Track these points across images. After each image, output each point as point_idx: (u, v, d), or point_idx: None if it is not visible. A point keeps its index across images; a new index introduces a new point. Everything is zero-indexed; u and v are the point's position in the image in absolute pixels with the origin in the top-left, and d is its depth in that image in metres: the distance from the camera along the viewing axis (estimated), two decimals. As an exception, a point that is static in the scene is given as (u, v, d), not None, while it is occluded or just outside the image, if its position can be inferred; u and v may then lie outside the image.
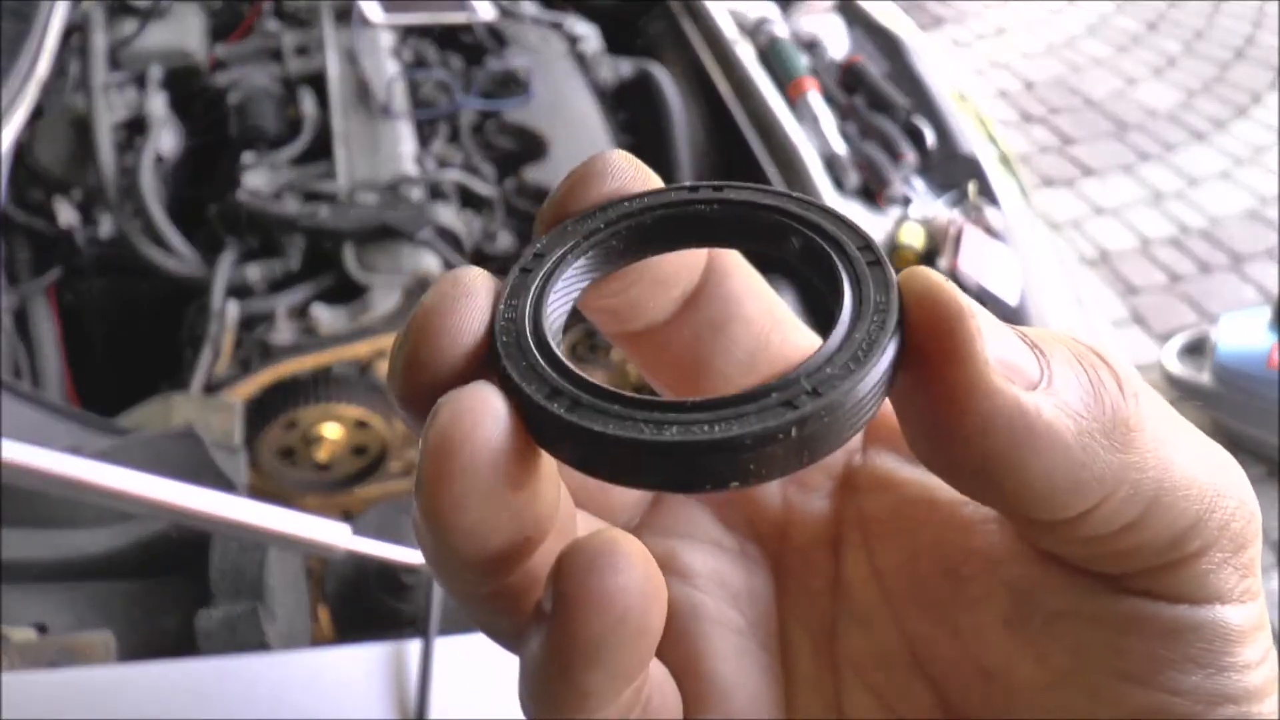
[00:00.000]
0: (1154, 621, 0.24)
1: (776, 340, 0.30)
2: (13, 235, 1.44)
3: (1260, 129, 3.99)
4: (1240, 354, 2.66)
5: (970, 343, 0.21)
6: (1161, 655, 0.24)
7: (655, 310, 0.28)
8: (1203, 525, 0.23)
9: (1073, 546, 0.24)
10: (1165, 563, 0.23)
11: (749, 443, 0.21)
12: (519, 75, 1.67)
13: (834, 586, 0.29)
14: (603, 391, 0.22)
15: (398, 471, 1.49)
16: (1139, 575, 0.24)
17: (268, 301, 1.33)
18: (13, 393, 1.09)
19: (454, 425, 0.21)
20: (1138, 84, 4.27)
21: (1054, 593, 0.25)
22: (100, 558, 0.94)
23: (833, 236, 0.25)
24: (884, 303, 0.23)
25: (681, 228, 0.27)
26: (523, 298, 0.24)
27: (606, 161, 0.26)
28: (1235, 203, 3.63)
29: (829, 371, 0.22)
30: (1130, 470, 0.22)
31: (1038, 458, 0.21)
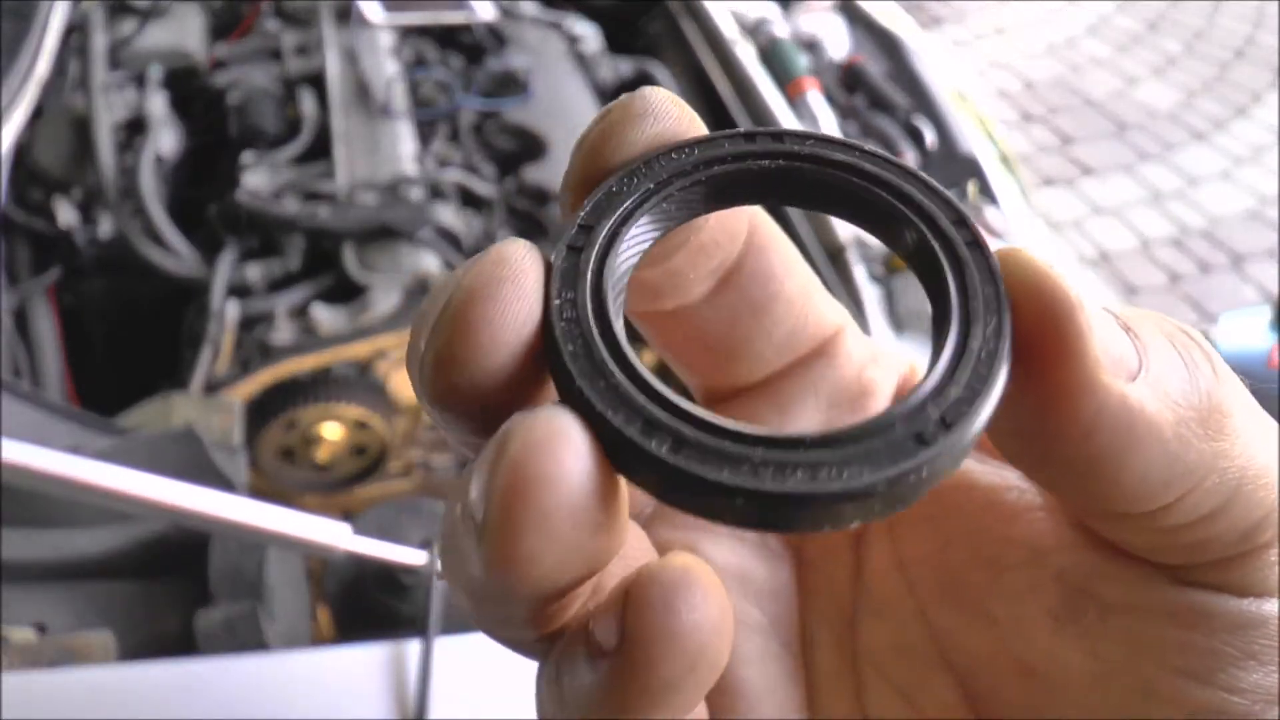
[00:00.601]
0: (1217, 615, 0.23)
1: (813, 319, 0.28)
2: (13, 235, 1.44)
3: (1260, 129, 3.99)
4: (1240, 354, 2.66)
5: (1081, 339, 0.20)
6: (1223, 651, 0.23)
7: (692, 285, 0.26)
8: (1273, 522, 0.22)
9: (1145, 536, 0.23)
10: (1236, 554, 0.22)
11: (882, 489, 0.19)
12: (519, 75, 1.67)
13: (856, 578, 0.28)
14: (706, 424, 0.19)
15: (398, 471, 1.49)
16: (1207, 567, 0.23)
17: (268, 301, 1.33)
18: (13, 393, 1.09)
19: (530, 465, 0.18)
20: (1138, 84, 4.27)
21: (1111, 583, 0.24)
22: (100, 558, 0.94)
23: (922, 208, 0.22)
24: (993, 298, 0.21)
25: (746, 188, 0.23)
26: (580, 285, 0.21)
27: (647, 101, 0.23)
28: (1235, 203, 3.63)
29: (954, 394, 0.20)
30: (1220, 458, 0.21)
31: (1137, 454, 0.20)
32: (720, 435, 0.19)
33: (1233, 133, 4.00)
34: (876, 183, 0.23)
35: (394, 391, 1.39)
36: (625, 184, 0.22)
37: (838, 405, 0.28)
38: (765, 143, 0.23)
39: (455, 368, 0.19)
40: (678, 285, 0.26)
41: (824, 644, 0.28)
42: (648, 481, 0.19)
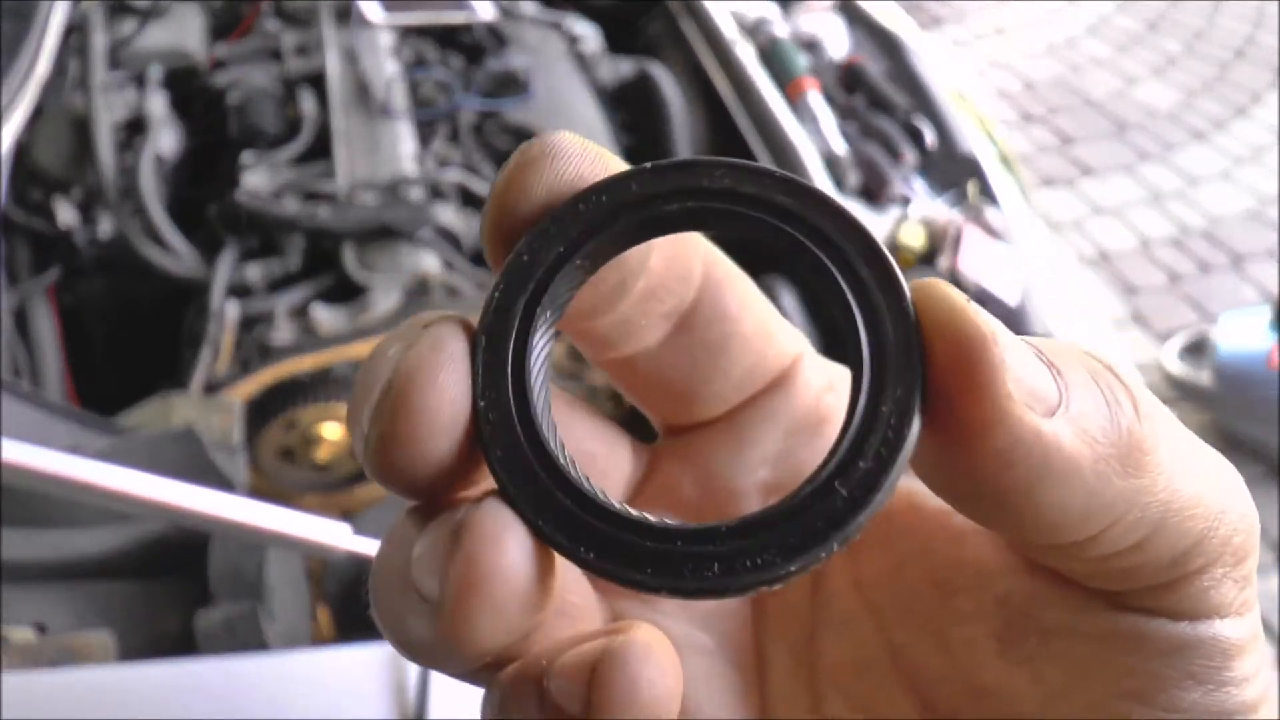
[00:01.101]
0: (1154, 639, 0.23)
1: (772, 353, 0.28)
2: (13, 235, 1.44)
3: (1260, 129, 3.99)
4: (1240, 354, 2.66)
5: (993, 372, 0.20)
6: (1161, 673, 0.23)
7: (646, 332, 0.26)
8: (1206, 543, 0.22)
9: (1077, 564, 0.23)
10: (1168, 580, 0.23)
11: (795, 571, 0.20)
12: (519, 75, 1.66)
13: (814, 596, 0.28)
14: (629, 523, 0.21)
15: (398, 471, 1.49)
16: (1142, 592, 0.23)
17: (268, 301, 1.33)
18: (13, 393, 1.09)
19: (483, 561, 0.20)
20: (1138, 84, 4.27)
21: (1050, 608, 0.24)
22: (100, 558, 0.94)
23: (833, 244, 0.22)
24: (905, 345, 0.21)
25: (657, 233, 0.23)
26: (501, 384, 0.21)
27: (545, 144, 0.23)
28: (1235, 203, 3.63)
29: (863, 467, 0.20)
30: (1141, 495, 0.21)
31: (1054, 489, 0.21)
32: (643, 534, 0.20)
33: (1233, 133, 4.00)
34: (788, 218, 0.22)
35: (394, 391, 1.39)
36: (536, 247, 0.22)
37: (795, 434, 0.29)
38: (674, 178, 0.22)
39: (397, 449, 0.21)
40: (631, 333, 0.26)
41: (779, 661, 0.28)
42: (578, 563, 0.21)
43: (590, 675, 0.21)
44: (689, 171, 0.22)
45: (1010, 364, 0.20)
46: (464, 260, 1.38)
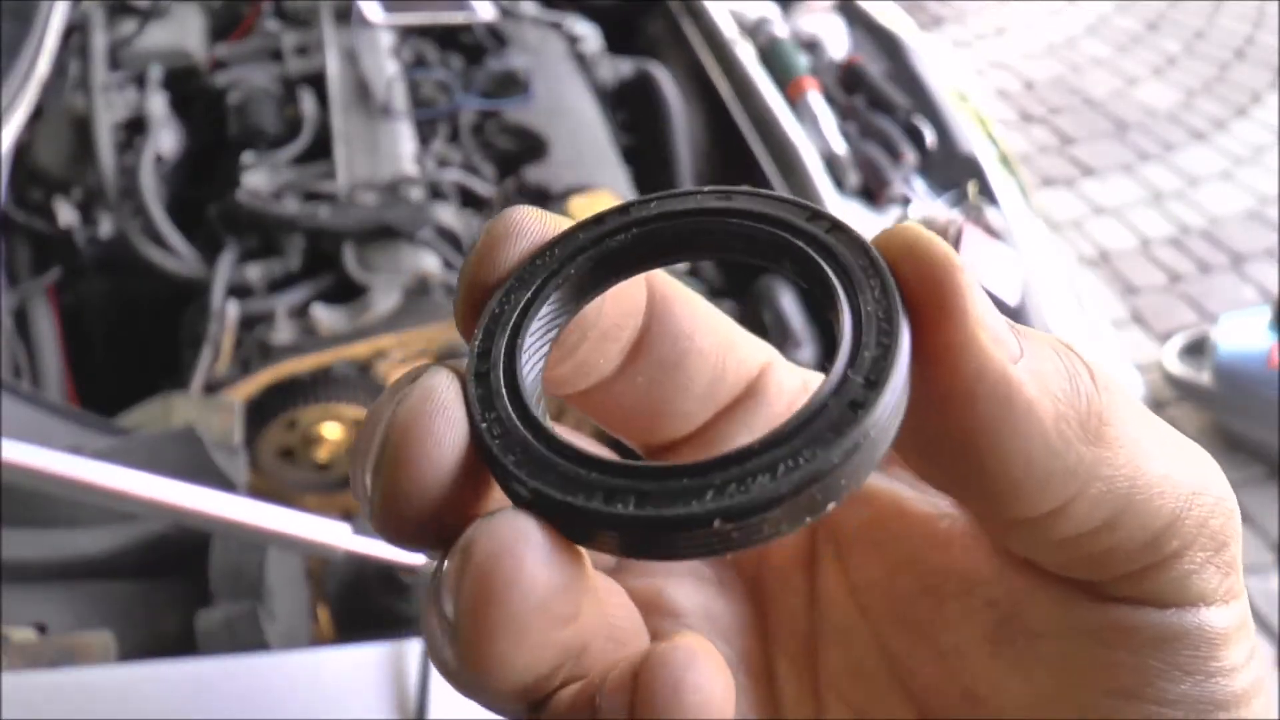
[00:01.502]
0: (1139, 630, 0.23)
1: (733, 365, 0.28)
2: (13, 235, 1.44)
3: (1260, 129, 3.99)
4: (1240, 354, 2.66)
5: (961, 297, 0.21)
6: (1149, 665, 0.23)
7: (603, 365, 0.26)
8: (1180, 524, 0.22)
9: (1048, 551, 0.23)
10: (1144, 565, 0.23)
11: (839, 461, 0.19)
12: (519, 75, 1.66)
13: (811, 606, 0.29)
14: (661, 471, 0.20)
15: (398, 471, 1.49)
16: (1119, 581, 0.23)
17: (268, 301, 1.33)
18: (13, 393, 1.09)
19: (496, 571, 0.19)
20: (1138, 84, 4.27)
21: (1037, 609, 0.24)
22: (100, 558, 0.94)
23: (776, 218, 0.23)
24: (869, 267, 0.22)
25: (610, 267, 0.24)
26: (499, 403, 0.22)
27: (510, 221, 0.24)
28: (1235, 203, 3.63)
29: (870, 356, 0.21)
30: (1103, 466, 0.21)
31: (1017, 437, 0.21)
32: (678, 475, 0.20)
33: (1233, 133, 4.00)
34: (729, 214, 0.23)
35: (394, 391, 1.39)
36: (504, 302, 0.24)
37: None
38: (614, 219, 0.24)
39: (402, 502, 0.21)
40: (588, 372, 0.26)
41: (786, 671, 0.29)
42: (614, 544, 0.20)
43: (633, 683, 0.20)
44: (625, 212, 0.24)
45: (977, 295, 0.21)
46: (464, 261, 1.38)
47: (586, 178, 1.52)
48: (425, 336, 1.32)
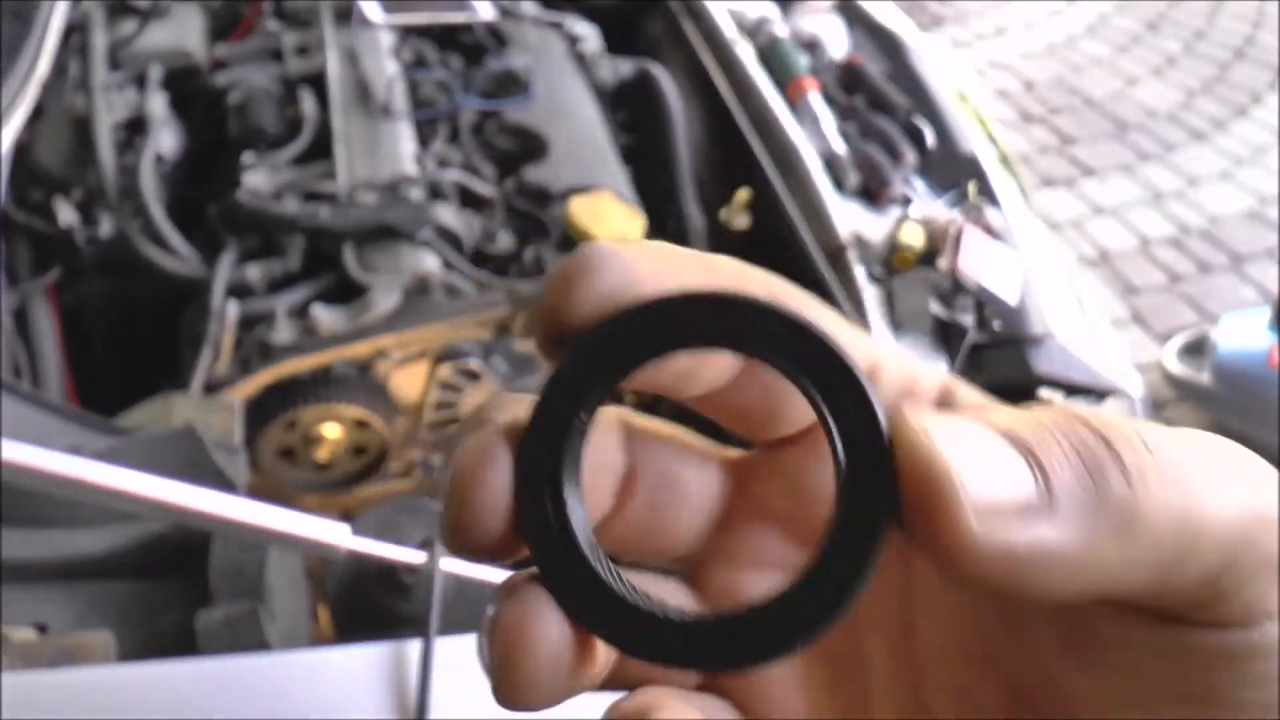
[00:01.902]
0: (1207, 649, 0.23)
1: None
2: (13, 235, 1.44)
3: (1260, 129, 3.99)
4: (1240, 354, 2.66)
5: (952, 516, 0.21)
6: (1218, 679, 0.23)
7: (713, 376, 0.27)
8: (1239, 562, 0.22)
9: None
10: (1205, 599, 0.23)
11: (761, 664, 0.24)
12: (519, 75, 1.66)
13: (905, 585, 0.29)
14: (643, 610, 0.24)
15: (398, 471, 1.49)
16: (1184, 609, 0.23)
17: (268, 301, 1.33)
18: (13, 393, 1.09)
19: (513, 645, 0.25)
20: (1138, 84, 4.27)
21: (1104, 621, 0.24)
22: (100, 558, 0.94)
23: (819, 377, 0.24)
24: (877, 474, 0.23)
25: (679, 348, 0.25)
26: (537, 482, 0.25)
27: (592, 259, 0.25)
28: (1235, 203, 3.63)
29: (830, 580, 0.23)
30: (1147, 553, 0.21)
31: (1041, 579, 0.21)
32: (654, 619, 0.24)
33: (1232, 133, 4.00)
34: (781, 348, 0.24)
35: (394, 391, 1.39)
36: (571, 366, 0.25)
37: None
38: (705, 309, 0.24)
39: (464, 532, 0.25)
40: (698, 381, 0.27)
41: (878, 651, 0.29)
42: (606, 639, 0.25)
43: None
44: (718, 304, 0.24)
45: (973, 484, 0.21)
46: (464, 260, 1.38)
47: (586, 178, 1.52)
48: (425, 336, 1.32)
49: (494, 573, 0.97)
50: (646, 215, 1.49)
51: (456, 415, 1.43)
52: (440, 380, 1.38)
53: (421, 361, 1.37)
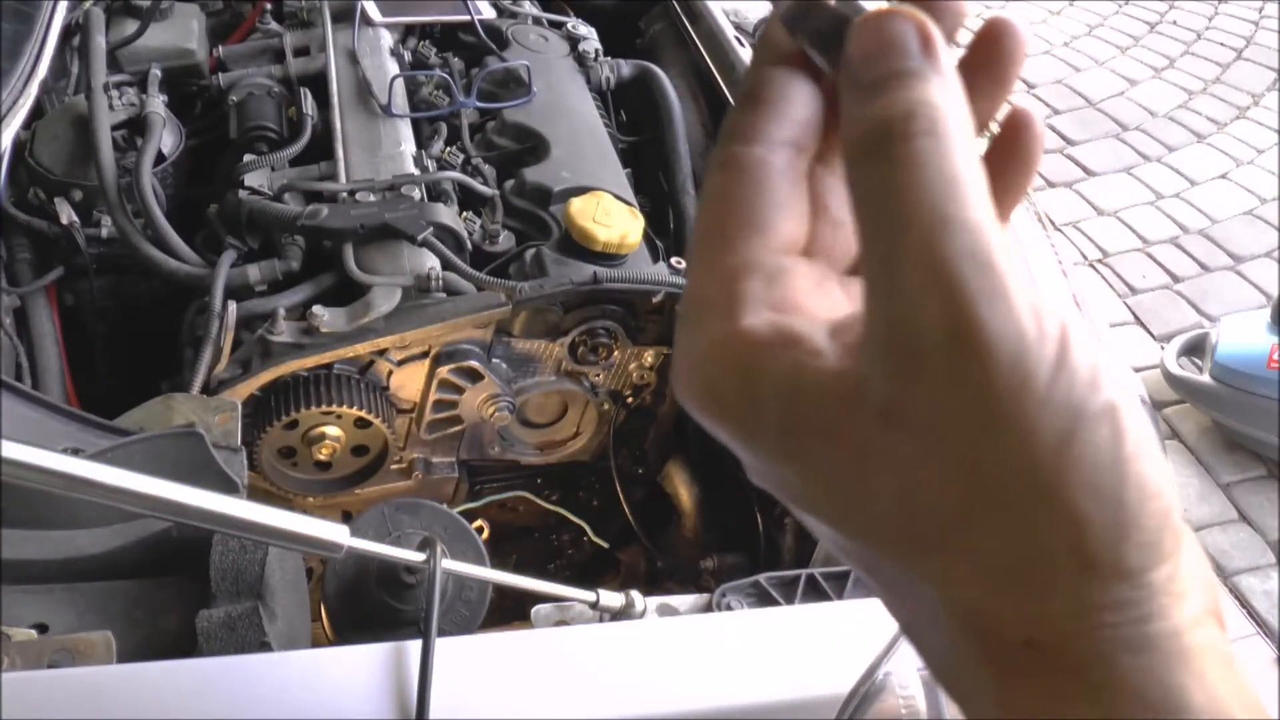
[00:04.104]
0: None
1: None
2: (13, 235, 1.44)
3: (1260, 129, 3.99)
4: (1240, 354, 2.66)
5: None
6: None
7: None
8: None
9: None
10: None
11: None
12: (519, 75, 1.66)
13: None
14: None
15: (398, 471, 1.49)
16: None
17: (268, 301, 1.33)
18: (13, 393, 1.09)
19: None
20: (1138, 84, 4.27)
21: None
22: (101, 558, 0.94)
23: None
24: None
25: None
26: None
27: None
28: (1235, 203, 3.63)
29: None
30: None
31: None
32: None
33: (1232, 133, 4.00)
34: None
35: (394, 391, 1.39)
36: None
37: None
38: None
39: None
40: None
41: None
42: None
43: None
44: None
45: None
46: (464, 260, 1.38)
47: (586, 178, 1.52)
48: (425, 336, 1.32)
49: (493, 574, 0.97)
50: (647, 215, 1.48)
51: (456, 415, 1.43)
52: (440, 380, 1.38)
53: (421, 361, 1.37)
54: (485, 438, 1.52)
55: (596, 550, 1.64)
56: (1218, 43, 4.47)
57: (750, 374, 0.29)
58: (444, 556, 0.89)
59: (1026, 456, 0.26)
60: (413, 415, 1.44)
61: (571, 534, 1.68)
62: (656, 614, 1.01)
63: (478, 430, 1.49)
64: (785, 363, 0.29)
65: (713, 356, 0.30)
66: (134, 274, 1.49)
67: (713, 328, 0.31)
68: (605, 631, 0.95)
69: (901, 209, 0.26)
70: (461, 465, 1.55)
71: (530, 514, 1.66)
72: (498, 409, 1.41)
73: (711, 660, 0.88)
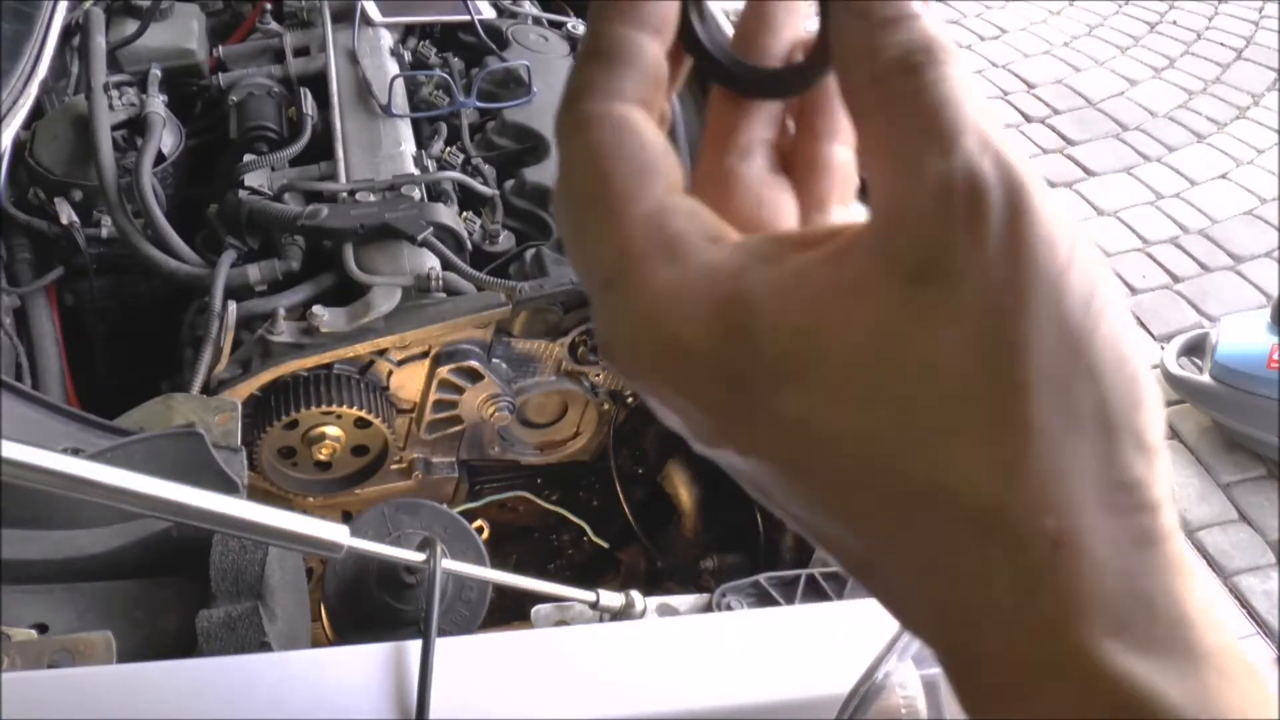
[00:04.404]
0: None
1: None
2: (13, 235, 1.44)
3: (1260, 129, 3.99)
4: (1240, 354, 2.66)
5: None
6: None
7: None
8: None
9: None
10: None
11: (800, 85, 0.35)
12: (519, 75, 1.66)
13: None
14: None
15: (398, 471, 1.49)
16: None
17: (268, 301, 1.33)
18: (13, 393, 1.09)
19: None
20: (1138, 84, 4.27)
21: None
22: (101, 558, 0.94)
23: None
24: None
25: None
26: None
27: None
28: (1235, 203, 3.63)
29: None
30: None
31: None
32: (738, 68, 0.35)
33: (1232, 133, 4.00)
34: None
35: (394, 391, 1.39)
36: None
37: None
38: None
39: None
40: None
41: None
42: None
43: None
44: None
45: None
46: (464, 260, 1.38)
47: (586, 178, 1.51)
48: (425, 336, 1.33)
49: (493, 574, 0.97)
50: (646, 215, 1.48)
51: (456, 415, 1.43)
52: (440, 380, 1.38)
53: (421, 361, 1.37)
54: (485, 438, 1.52)
55: (596, 550, 1.65)
56: (1218, 43, 4.47)
57: (728, 303, 0.27)
58: (444, 556, 0.89)
59: (1060, 319, 0.25)
60: (413, 415, 1.44)
61: (571, 534, 1.68)
62: (656, 614, 1.01)
63: (478, 430, 1.49)
64: (769, 274, 0.27)
65: (664, 308, 0.28)
66: (134, 274, 1.49)
67: (653, 280, 0.28)
68: (605, 631, 0.95)
69: (956, 112, 0.27)
70: (461, 465, 1.55)
71: (530, 514, 1.66)
72: (498, 409, 1.41)
73: (711, 660, 0.88)
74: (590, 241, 0.29)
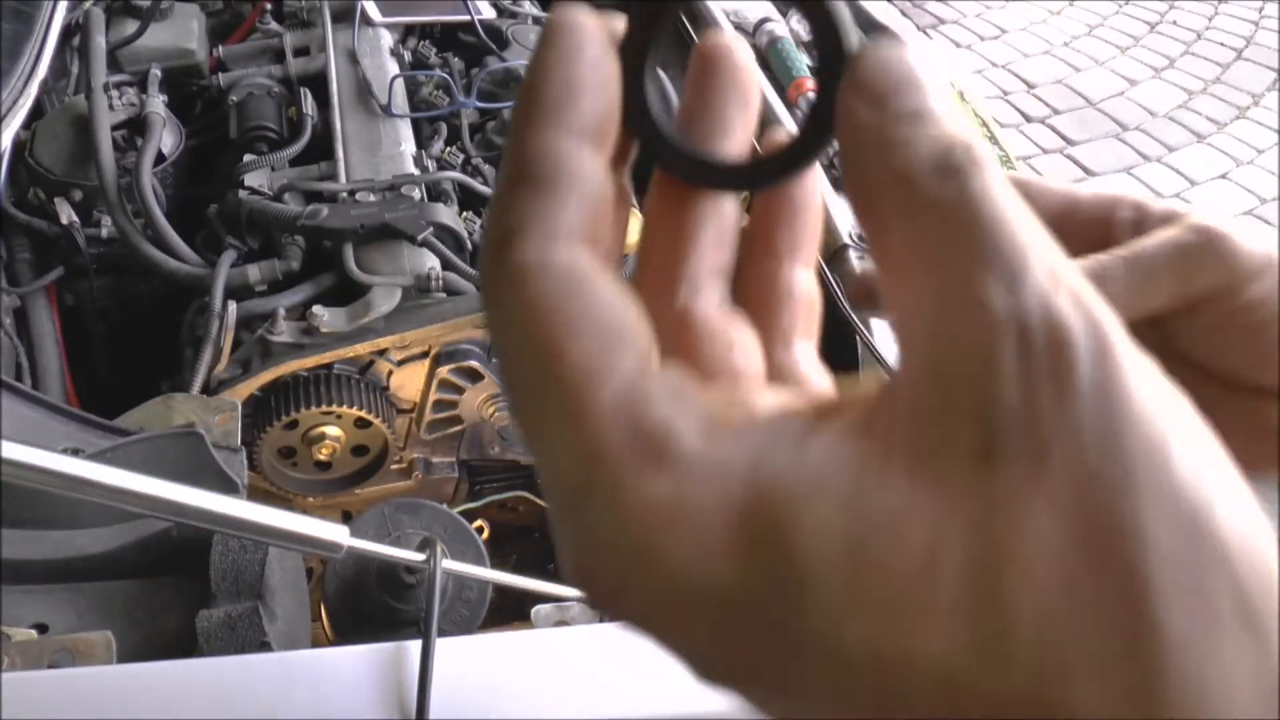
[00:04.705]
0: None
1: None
2: (13, 235, 1.44)
3: (1260, 129, 3.99)
4: (1240, 354, 2.66)
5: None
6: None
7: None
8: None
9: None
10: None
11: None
12: (519, 75, 1.66)
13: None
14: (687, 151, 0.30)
15: (398, 471, 1.49)
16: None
17: (268, 301, 1.33)
18: (13, 393, 1.09)
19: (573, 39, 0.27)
20: (1138, 84, 4.27)
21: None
22: (101, 558, 0.94)
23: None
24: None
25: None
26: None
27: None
28: (1235, 203, 3.63)
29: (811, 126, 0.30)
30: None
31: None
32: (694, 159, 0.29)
33: (1232, 133, 4.00)
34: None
35: (394, 391, 1.39)
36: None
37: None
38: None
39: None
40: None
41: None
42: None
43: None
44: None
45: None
46: (464, 260, 1.38)
47: (586, 178, 1.52)
48: (425, 336, 1.33)
49: (493, 574, 0.97)
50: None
51: (457, 415, 1.43)
52: (440, 380, 1.38)
53: (421, 361, 1.37)
54: (485, 438, 1.52)
55: (596, 550, 1.64)
56: (1218, 43, 4.48)
57: (747, 516, 0.20)
58: (444, 556, 0.89)
59: (1173, 494, 0.20)
60: (413, 415, 1.44)
61: (571, 534, 1.68)
62: (656, 614, 1.00)
63: (478, 430, 1.49)
64: (795, 468, 0.21)
65: (659, 534, 0.20)
66: (134, 274, 1.49)
67: (637, 495, 0.21)
68: (605, 631, 0.95)
69: (1015, 233, 0.22)
70: (461, 465, 1.55)
71: (530, 514, 1.66)
72: (498, 409, 1.41)
73: (711, 660, 0.88)
74: (547, 440, 0.22)
